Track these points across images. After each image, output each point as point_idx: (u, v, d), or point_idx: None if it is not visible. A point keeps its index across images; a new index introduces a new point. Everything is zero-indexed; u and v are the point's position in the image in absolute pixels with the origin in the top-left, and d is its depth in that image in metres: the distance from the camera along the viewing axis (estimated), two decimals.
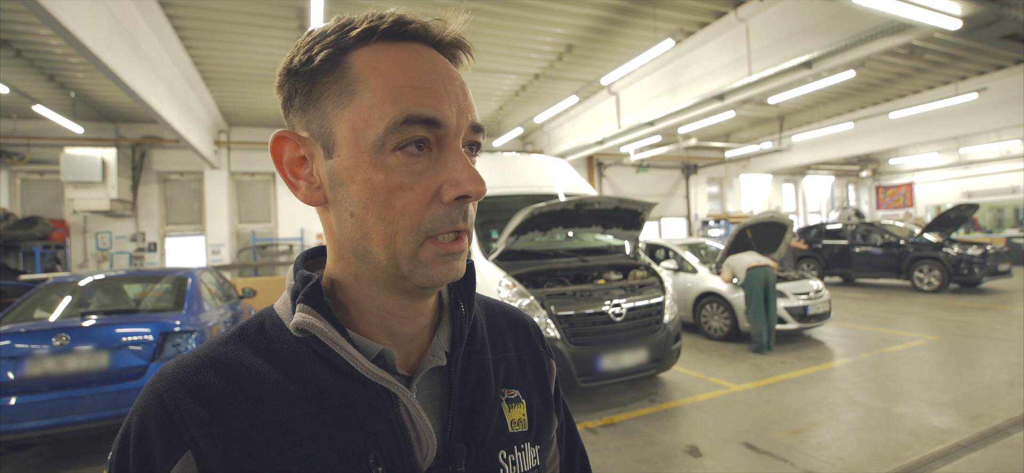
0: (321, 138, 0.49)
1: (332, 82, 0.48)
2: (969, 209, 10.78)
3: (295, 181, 0.52)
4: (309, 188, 0.51)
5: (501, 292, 4.31)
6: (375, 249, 0.48)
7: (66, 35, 4.73)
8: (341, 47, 0.48)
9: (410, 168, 0.47)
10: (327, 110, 0.48)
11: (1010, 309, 8.22)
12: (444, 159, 0.48)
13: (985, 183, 18.81)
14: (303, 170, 0.51)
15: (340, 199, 0.49)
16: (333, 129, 0.48)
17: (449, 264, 0.50)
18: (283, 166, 0.52)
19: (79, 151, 10.28)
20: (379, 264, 0.49)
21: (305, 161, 0.51)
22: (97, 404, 3.45)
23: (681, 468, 3.33)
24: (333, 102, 0.48)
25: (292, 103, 0.51)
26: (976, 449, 3.36)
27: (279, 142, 0.51)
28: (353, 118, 0.47)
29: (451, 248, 0.49)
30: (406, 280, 0.49)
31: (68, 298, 4.28)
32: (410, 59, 0.48)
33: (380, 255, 0.48)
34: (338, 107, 0.48)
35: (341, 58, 0.48)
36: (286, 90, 0.51)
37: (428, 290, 0.51)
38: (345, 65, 0.48)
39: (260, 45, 8.09)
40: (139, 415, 0.46)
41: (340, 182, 0.49)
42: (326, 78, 0.48)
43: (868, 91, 12.63)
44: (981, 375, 4.94)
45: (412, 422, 0.51)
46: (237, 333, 0.52)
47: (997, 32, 6.05)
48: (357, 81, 0.47)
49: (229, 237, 12.61)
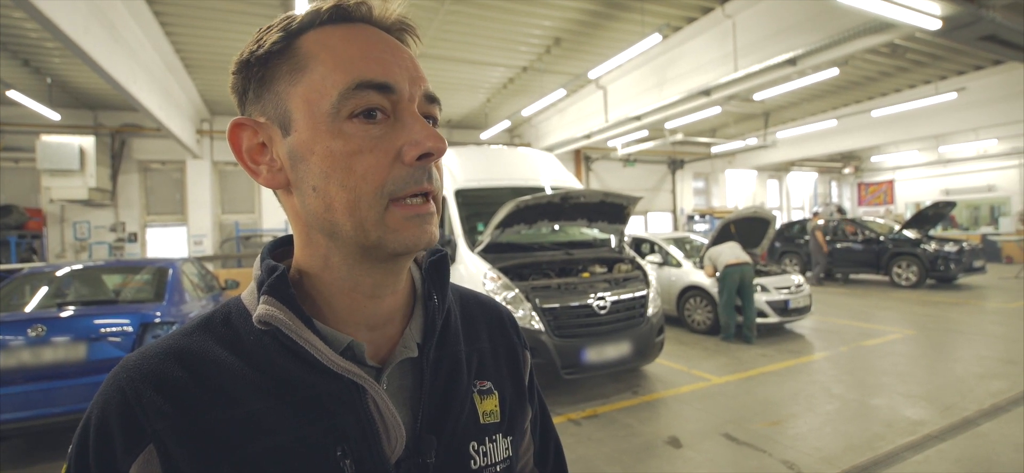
0: (277, 119, 0.49)
1: (283, 63, 0.49)
2: (947, 207, 11.02)
3: (255, 167, 0.52)
4: (270, 171, 0.51)
5: (486, 285, 4.32)
6: (340, 219, 0.48)
7: (41, 18, 4.60)
8: (290, 32, 0.49)
9: (368, 134, 0.47)
10: (280, 90, 0.49)
11: (983, 304, 8.44)
12: (401, 123, 0.49)
13: (962, 181, 19.20)
14: (263, 156, 0.51)
15: (301, 175, 0.49)
16: (288, 107, 0.49)
17: (419, 227, 0.49)
18: (242, 154, 0.52)
19: (56, 138, 10.03)
20: (346, 235, 0.49)
21: (264, 147, 0.51)
22: (75, 396, 3.38)
23: (662, 459, 3.38)
24: (286, 81, 0.49)
25: (247, 95, 0.51)
26: (946, 439, 3.46)
27: (236, 130, 0.51)
28: (306, 92, 0.48)
29: (419, 209, 0.49)
30: (376, 248, 0.49)
31: (45, 288, 4.20)
32: (357, 34, 0.50)
33: (346, 224, 0.48)
34: (291, 85, 0.49)
35: (291, 41, 0.49)
36: (240, 84, 0.52)
37: (401, 257, 0.51)
38: (294, 46, 0.49)
39: (244, 32, 7.93)
40: (99, 408, 0.46)
41: (300, 158, 0.49)
42: (277, 61, 0.49)
43: (851, 89, 12.81)
44: (953, 368, 5.07)
45: (380, 414, 0.51)
46: (202, 324, 0.51)
47: (976, 33, 6.17)
48: (307, 58, 0.48)
49: (212, 228, 12.42)
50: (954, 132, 14.19)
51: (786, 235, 13.14)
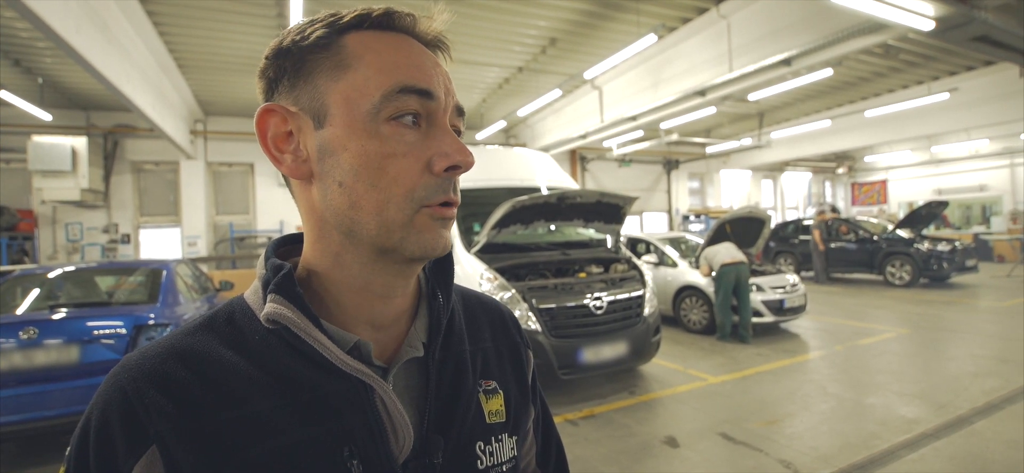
0: (311, 111, 0.50)
1: (325, 58, 0.49)
2: (939, 206, 11.11)
3: (280, 155, 0.52)
4: (295, 161, 0.51)
5: (483, 285, 4.31)
6: (364, 218, 0.49)
7: (32, 18, 4.55)
8: (335, 29, 0.50)
9: (403, 138, 0.49)
10: (320, 84, 0.49)
11: (976, 303, 8.51)
12: (433, 133, 0.50)
13: (955, 181, 19.37)
14: (288, 145, 0.51)
15: (328, 169, 0.49)
16: (326, 101, 0.49)
17: (440, 231, 0.51)
18: (267, 141, 0.52)
19: (48, 139, 9.92)
20: (367, 234, 0.49)
21: (291, 136, 0.51)
22: (67, 399, 3.35)
23: (659, 459, 3.38)
24: (327, 76, 0.49)
25: (279, 82, 0.51)
26: (941, 437, 3.48)
27: (265, 116, 0.51)
28: (347, 90, 0.48)
29: (445, 212, 0.51)
30: (395, 251, 0.50)
31: (36, 290, 4.15)
32: (401, 43, 0.51)
33: (370, 224, 0.49)
34: (332, 80, 0.49)
35: (335, 37, 0.50)
36: (273, 70, 0.52)
37: (416, 262, 0.52)
38: (339, 44, 0.50)
39: (238, 33, 7.90)
40: (100, 408, 0.45)
41: (330, 152, 0.49)
42: (319, 55, 0.49)
43: (845, 89, 12.87)
44: (947, 367, 5.11)
45: (388, 414, 0.51)
46: (205, 323, 0.51)
47: (968, 34, 6.21)
48: (352, 57, 0.49)
49: (206, 229, 12.32)
50: (946, 132, 14.31)
51: (781, 235, 13.20)
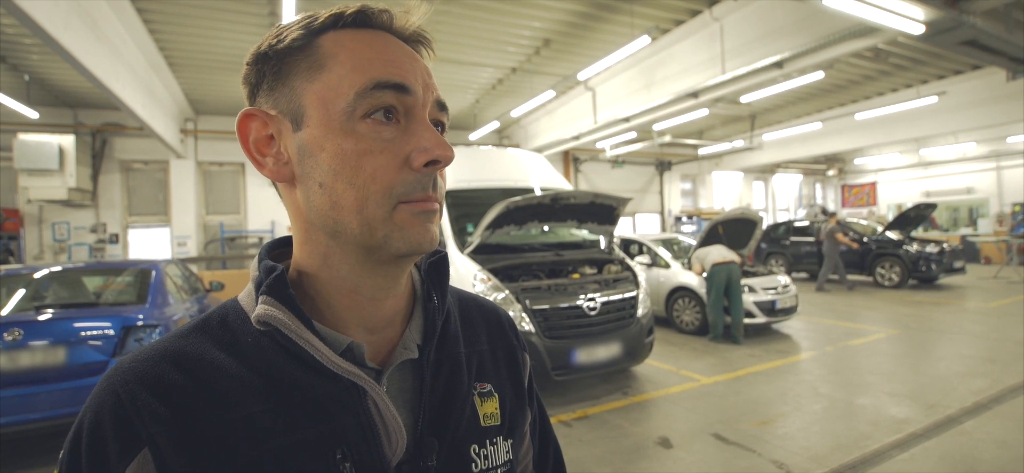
0: (290, 113, 0.50)
1: (301, 60, 0.49)
2: (928, 208, 11.22)
3: (261, 159, 0.52)
4: (277, 164, 0.51)
5: (476, 286, 4.30)
6: (346, 218, 0.48)
7: (19, 14, 4.48)
8: (310, 30, 0.50)
9: (379, 135, 0.48)
10: (296, 86, 0.49)
11: (963, 304, 8.61)
12: (412, 128, 0.50)
13: (943, 183, 19.61)
14: (270, 148, 0.51)
15: (308, 170, 0.49)
16: (302, 102, 0.49)
17: (425, 226, 0.50)
18: (249, 145, 0.52)
19: (34, 137, 9.78)
20: (351, 234, 0.49)
21: (272, 140, 0.51)
22: (54, 401, 3.30)
23: (653, 460, 3.38)
24: (302, 77, 0.49)
25: (260, 87, 0.51)
26: (931, 437, 3.51)
27: (246, 120, 0.51)
28: (322, 90, 0.48)
29: (426, 206, 0.50)
30: (381, 249, 0.49)
31: (22, 290, 4.08)
32: (376, 39, 0.51)
33: (352, 223, 0.48)
34: (307, 81, 0.49)
35: (311, 39, 0.50)
36: (254, 75, 0.52)
37: (404, 259, 0.51)
38: (314, 45, 0.50)
39: (229, 31, 7.83)
40: (92, 412, 0.44)
41: (309, 153, 0.49)
42: (295, 57, 0.50)
43: (836, 92, 13.00)
44: (936, 367, 5.16)
45: (381, 416, 0.50)
46: (198, 326, 0.51)
47: (956, 38, 6.29)
48: (326, 57, 0.49)
49: (196, 229, 12.21)
50: (935, 135, 14.47)
51: (772, 236, 13.29)
